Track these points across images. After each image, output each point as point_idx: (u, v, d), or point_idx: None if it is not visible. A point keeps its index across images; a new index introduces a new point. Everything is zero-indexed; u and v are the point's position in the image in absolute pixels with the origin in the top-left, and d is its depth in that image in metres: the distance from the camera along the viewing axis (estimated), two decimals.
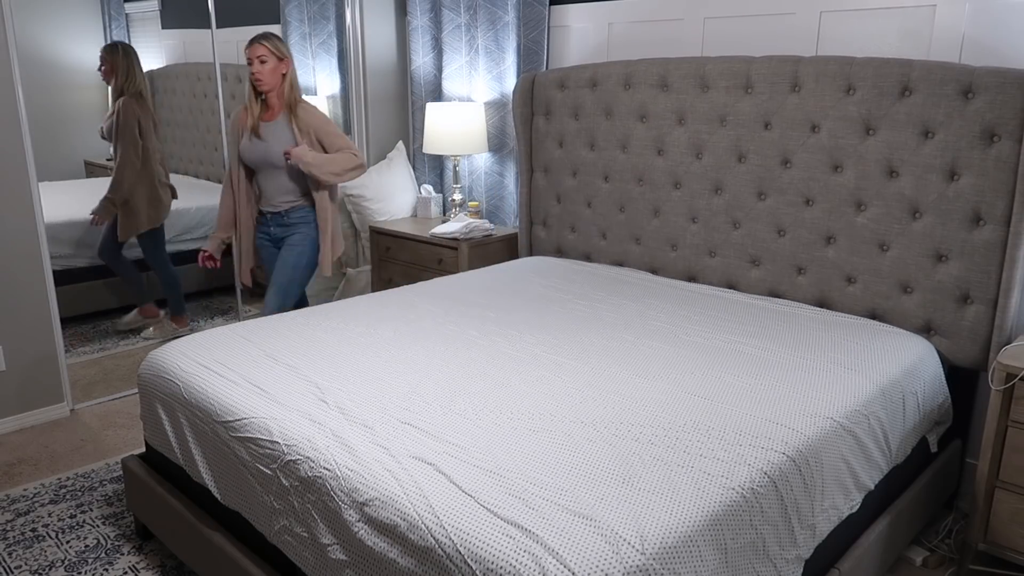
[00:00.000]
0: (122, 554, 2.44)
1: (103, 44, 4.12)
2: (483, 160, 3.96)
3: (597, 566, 1.36)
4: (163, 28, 4.41)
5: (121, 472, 2.90)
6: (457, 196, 3.91)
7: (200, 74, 4.30)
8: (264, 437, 1.88)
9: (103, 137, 3.95)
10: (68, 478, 2.88)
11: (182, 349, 2.34)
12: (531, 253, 3.69)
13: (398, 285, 3.84)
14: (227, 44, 3.98)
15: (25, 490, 2.80)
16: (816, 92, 2.63)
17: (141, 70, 3.86)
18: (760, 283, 2.88)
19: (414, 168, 4.28)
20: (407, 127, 4.35)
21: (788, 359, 2.24)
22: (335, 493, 1.67)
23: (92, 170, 4.39)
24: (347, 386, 2.06)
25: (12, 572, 2.35)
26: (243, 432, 1.93)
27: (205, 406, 2.07)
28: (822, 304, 2.74)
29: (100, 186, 4.24)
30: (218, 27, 3.88)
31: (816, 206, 2.70)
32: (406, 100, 4.32)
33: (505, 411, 1.91)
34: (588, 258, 3.44)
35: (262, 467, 1.86)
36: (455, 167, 3.92)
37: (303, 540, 1.75)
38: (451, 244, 3.56)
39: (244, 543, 2.03)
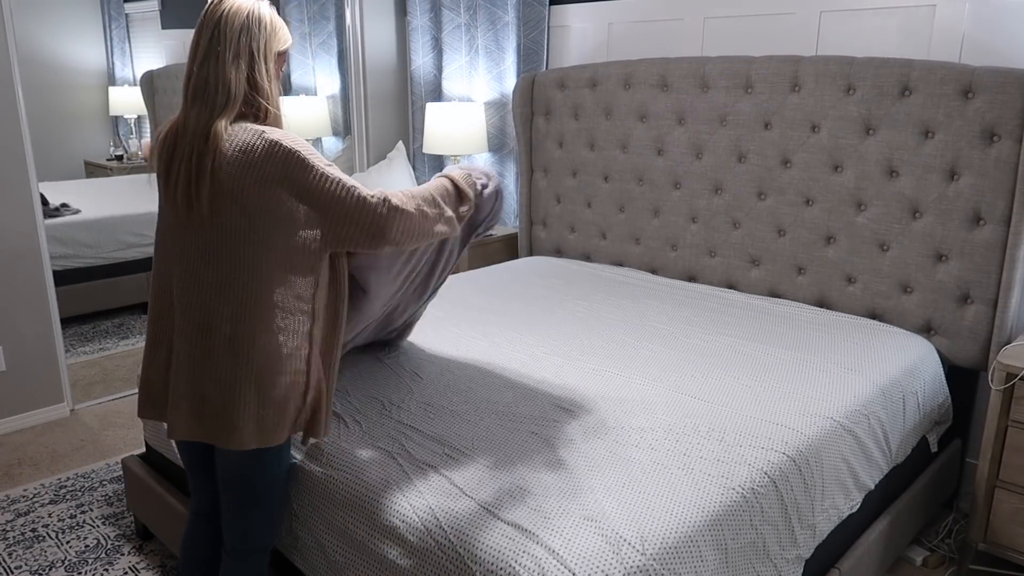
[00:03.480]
0: (122, 554, 2.44)
1: (103, 44, 4.12)
2: (483, 160, 3.95)
3: (597, 566, 1.36)
4: (163, 28, 4.41)
5: (121, 472, 2.90)
6: None
7: None
8: None
9: None
10: (68, 478, 2.88)
11: None
12: (531, 253, 3.68)
13: None
14: None
15: (25, 490, 2.80)
16: (816, 92, 2.62)
17: None
18: (760, 283, 2.88)
19: (414, 168, 4.28)
20: (407, 127, 4.35)
21: (788, 360, 2.24)
22: (335, 494, 1.67)
23: (92, 170, 4.39)
24: (345, 386, 2.06)
25: (12, 572, 2.35)
26: None
27: None
28: (822, 304, 2.74)
29: (100, 186, 4.25)
30: None
31: (816, 206, 2.70)
32: (406, 100, 4.32)
33: (505, 413, 1.91)
34: (588, 258, 3.44)
35: None
36: None
37: (303, 541, 1.75)
38: None
39: None
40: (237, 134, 1.48)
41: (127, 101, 4.46)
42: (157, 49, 4.44)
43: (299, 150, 1.48)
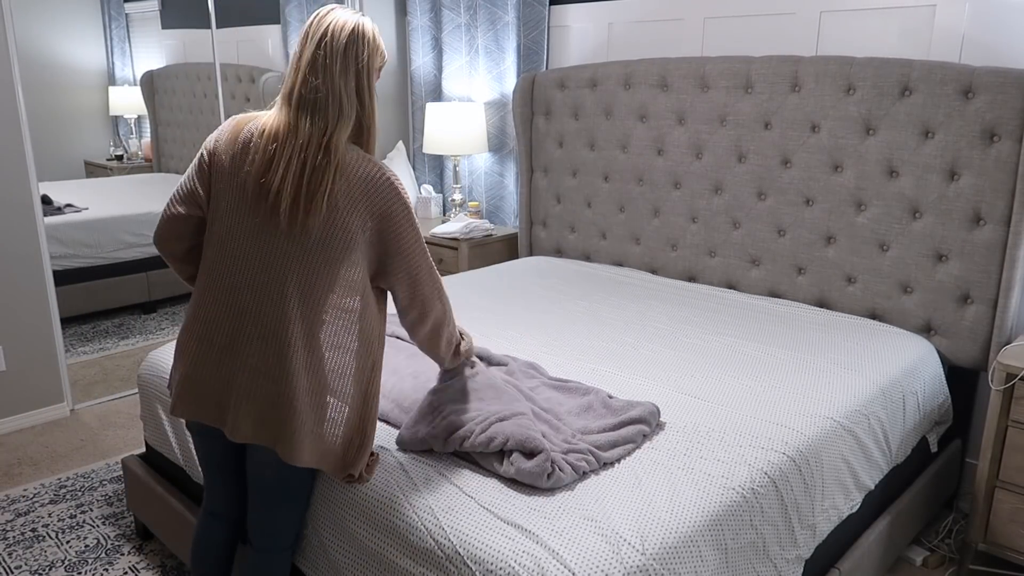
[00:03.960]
0: (122, 554, 2.44)
1: (103, 44, 4.12)
2: (483, 160, 3.95)
3: (597, 566, 1.36)
4: (163, 28, 4.41)
5: (121, 472, 2.90)
6: (457, 196, 3.91)
7: (200, 74, 4.30)
8: None
9: None
10: (68, 478, 2.88)
11: None
12: (531, 253, 3.68)
13: None
14: (227, 44, 3.98)
15: (25, 490, 2.80)
16: (816, 92, 2.62)
17: None
18: (760, 283, 2.88)
19: (414, 168, 4.28)
20: (407, 127, 4.35)
21: (788, 360, 2.24)
22: (336, 494, 1.67)
23: (92, 170, 4.39)
24: None
25: (12, 572, 2.35)
26: None
27: None
28: (822, 304, 2.74)
29: (100, 186, 4.25)
30: (218, 27, 3.88)
31: (816, 206, 2.70)
32: (406, 100, 4.32)
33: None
34: (588, 258, 3.44)
35: None
36: (455, 167, 3.92)
37: (305, 540, 1.75)
38: (451, 244, 3.56)
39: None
40: (357, 161, 1.52)
41: (127, 101, 4.47)
42: (157, 49, 4.44)
43: (410, 205, 1.56)
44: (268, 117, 1.55)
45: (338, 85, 1.50)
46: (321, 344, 1.52)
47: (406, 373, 2.02)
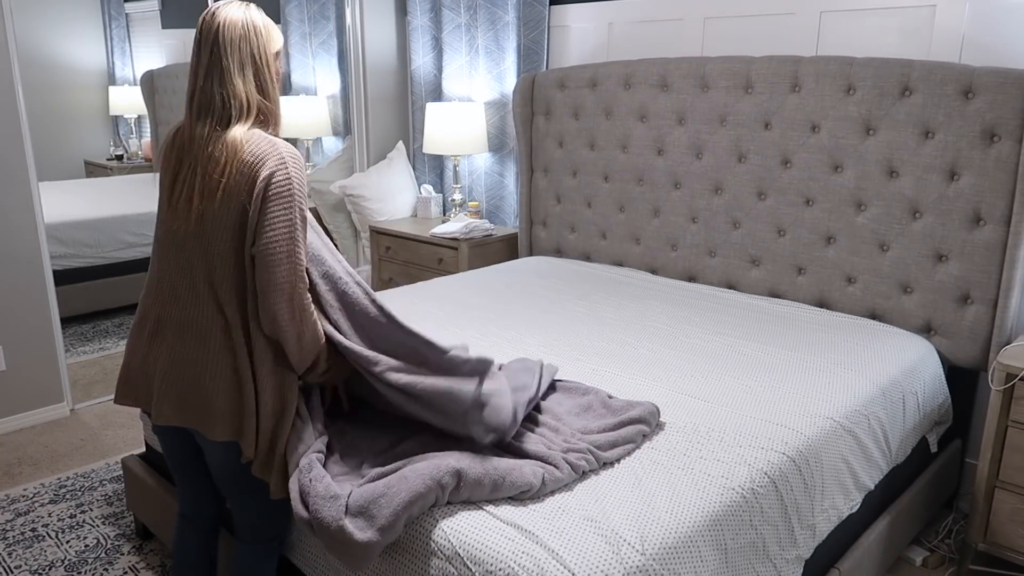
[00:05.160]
0: (122, 554, 2.44)
1: (103, 44, 4.12)
2: (483, 160, 3.95)
3: (597, 567, 1.36)
4: (163, 28, 4.41)
5: (121, 472, 2.90)
6: (457, 196, 3.91)
7: None
8: None
9: None
10: (68, 478, 2.88)
11: None
12: (531, 253, 3.68)
13: (398, 285, 3.84)
14: None
15: (25, 490, 2.80)
16: (816, 92, 2.62)
17: None
18: (760, 283, 2.88)
19: (414, 168, 4.28)
20: (407, 127, 4.35)
21: (788, 360, 2.24)
22: None
23: (92, 170, 4.40)
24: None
25: (12, 572, 2.35)
26: None
27: None
28: (822, 304, 2.74)
29: (100, 186, 4.25)
30: None
31: (816, 206, 2.70)
32: (406, 100, 4.32)
33: None
34: (588, 258, 3.44)
35: None
36: (455, 167, 3.92)
37: (303, 540, 1.75)
38: (451, 244, 3.56)
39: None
40: (252, 142, 1.52)
41: (127, 101, 4.47)
42: (157, 49, 4.44)
43: (295, 188, 1.50)
44: (176, 125, 1.61)
45: (238, 86, 1.52)
46: (236, 327, 1.55)
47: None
